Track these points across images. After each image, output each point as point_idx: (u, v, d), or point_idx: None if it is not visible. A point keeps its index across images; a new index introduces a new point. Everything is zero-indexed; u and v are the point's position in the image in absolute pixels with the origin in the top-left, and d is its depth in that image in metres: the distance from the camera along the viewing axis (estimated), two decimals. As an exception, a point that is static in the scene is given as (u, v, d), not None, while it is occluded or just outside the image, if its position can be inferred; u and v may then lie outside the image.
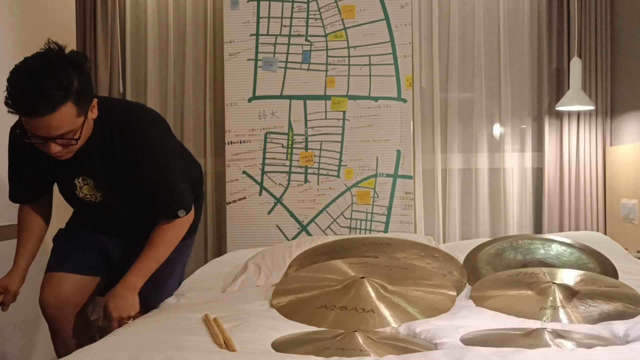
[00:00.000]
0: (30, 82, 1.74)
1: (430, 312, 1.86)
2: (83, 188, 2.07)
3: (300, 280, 2.10)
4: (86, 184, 2.06)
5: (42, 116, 1.74)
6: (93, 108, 1.91)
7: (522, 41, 3.43)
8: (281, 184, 3.27)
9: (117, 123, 1.98)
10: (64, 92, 1.75)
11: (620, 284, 2.07)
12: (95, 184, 2.05)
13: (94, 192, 2.07)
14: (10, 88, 1.75)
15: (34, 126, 1.79)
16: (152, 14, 3.45)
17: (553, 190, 3.34)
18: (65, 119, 1.79)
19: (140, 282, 2.06)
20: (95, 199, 2.10)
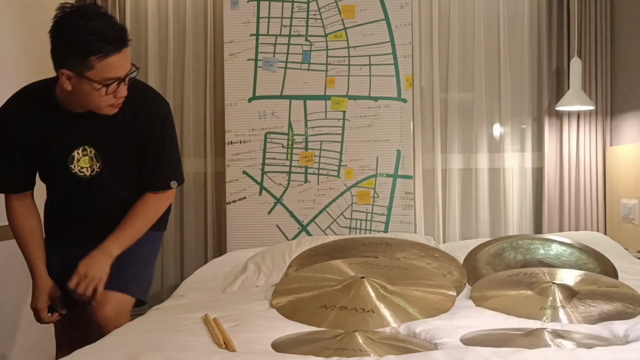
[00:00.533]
0: (108, 19, 1.84)
1: (430, 312, 1.87)
2: (81, 160, 2.02)
3: (300, 280, 2.10)
4: (85, 155, 2.01)
5: (127, 46, 1.84)
6: None
7: (522, 41, 3.43)
8: (281, 184, 3.27)
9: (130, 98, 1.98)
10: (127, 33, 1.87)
11: (620, 284, 2.07)
12: (97, 153, 2.02)
13: (92, 163, 2.02)
14: (96, 29, 1.79)
15: (115, 65, 1.82)
16: (152, 14, 3.45)
17: (553, 190, 3.34)
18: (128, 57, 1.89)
19: (115, 249, 2.01)
20: (91, 172, 2.03)
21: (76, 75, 1.84)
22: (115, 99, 1.90)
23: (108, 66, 1.82)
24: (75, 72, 1.84)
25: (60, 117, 1.98)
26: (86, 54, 1.80)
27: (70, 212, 2.14)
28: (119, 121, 2.00)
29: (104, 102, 1.89)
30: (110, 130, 2.01)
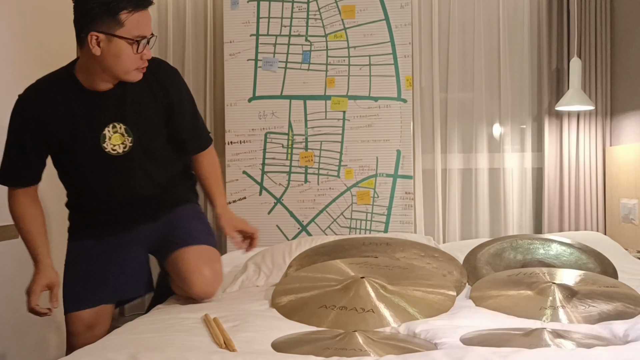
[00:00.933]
0: None
1: (430, 312, 1.87)
2: (112, 137, 2.01)
3: (300, 280, 2.10)
4: (116, 132, 2.01)
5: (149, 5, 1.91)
6: None
7: (522, 41, 3.43)
8: (281, 184, 3.27)
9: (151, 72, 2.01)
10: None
11: (620, 284, 2.07)
12: (127, 128, 2.02)
13: (124, 138, 2.02)
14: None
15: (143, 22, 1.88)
16: (152, 14, 3.41)
17: (553, 190, 3.34)
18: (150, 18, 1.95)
19: (225, 202, 2.27)
20: (125, 148, 2.02)
21: (106, 37, 1.87)
22: (141, 61, 1.93)
23: (137, 22, 1.87)
24: (105, 32, 1.86)
25: (84, 98, 1.98)
26: (116, 10, 1.84)
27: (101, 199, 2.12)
28: (145, 93, 2.03)
29: (132, 63, 1.91)
30: (138, 103, 2.03)
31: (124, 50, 1.89)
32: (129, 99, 2.01)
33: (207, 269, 2.09)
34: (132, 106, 2.02)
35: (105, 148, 2.01)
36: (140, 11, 1.88)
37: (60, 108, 1.99)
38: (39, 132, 2.00)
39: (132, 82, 1.97)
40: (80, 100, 1.99)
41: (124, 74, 1.94)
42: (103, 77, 1.96)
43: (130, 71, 1.94)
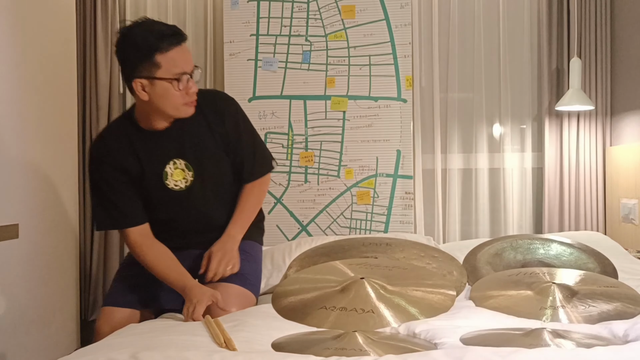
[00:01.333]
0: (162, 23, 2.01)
1: (430, 312, 1.86)
2: (174, 174, 2.10)
3: (300, 282, 2.10)
4: (176, 168, 2.09)
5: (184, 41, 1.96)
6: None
7: (522, 41, 3.44)
8: (281, 184, 3.27)
9: (206, 103, 2.09)
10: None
11: (619, 283, 2.07)
12: (187, 163, 2.09)
13: (185, 173, 2.10)
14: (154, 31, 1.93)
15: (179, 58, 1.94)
16: (152, 14, 3.45)
17: (553, 190, 3.34)
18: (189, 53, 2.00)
19: (239, 232, 2.14)
20: (185, 183, 2.10)
21: (149, 81, 1.94)
22: (188, 96, 1.99)
23: (173, 60, 1.93)
24: (146, 76, 1.94)
25: (145, 139, 2.07)
26: (150, 53, 1.91)
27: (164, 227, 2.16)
28: (202, 125, 2.09)
29: (178, 99, 1.98)
30: (196, 136, 2.09)
31: (168, 90, 1.95)
32: (187, 134, 2.08)
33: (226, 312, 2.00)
34: (190, 140, 2.09)
35: (167, 185, 2.10)
36: (174, 49, 1.93)
37: (126, 151, 2.07)
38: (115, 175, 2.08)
39: (186, 117, 2.03)
40: (142, 142, 2.07)
41: (174, 111, 2.01)
42: (158, 118, 2.04)
43: (179, 107, 2.00)
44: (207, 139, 2.10)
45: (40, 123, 2.84)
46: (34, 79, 2.81)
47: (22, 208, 2.69)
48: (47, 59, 2.93)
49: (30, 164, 2.77)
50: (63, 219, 3.07)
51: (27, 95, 2.75)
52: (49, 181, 2.93)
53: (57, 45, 3.06)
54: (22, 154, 2.71)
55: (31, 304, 2.78)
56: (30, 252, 2.76)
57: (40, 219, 2.84)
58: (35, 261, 2.80)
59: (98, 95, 3.31)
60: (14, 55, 2.66)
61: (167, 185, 2.09)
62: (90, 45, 3.33)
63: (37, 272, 2.82)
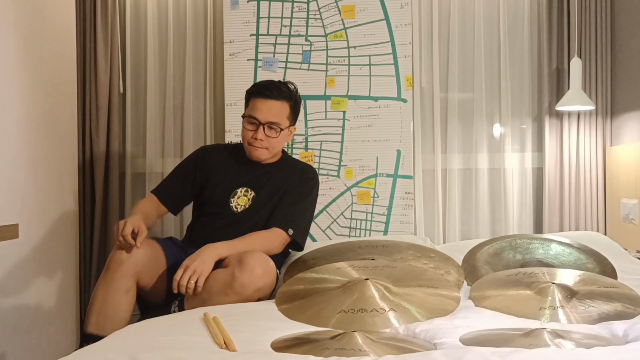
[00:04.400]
0: (279, 82, 2.54)
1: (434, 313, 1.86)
2: (240, 198, 2.47)
3: (304, 282, 2.10)
4: (244, 195, 2.47)
5: (268, 98, 2.43)
6: (291, 135, 2.56)
7: (522, 41, 3.43)
8: (281, 184, 3.27)
9: (298, 167, 2.61)
10: (287, 94, 2.47)
11: (619, 284, 2.07)
12: (255, 196, 2.47)
13: (246, 202, 2.46)
14: (264, 83, 2.53)
15: (258, 108, 2.44)
16: (152, 14, 3.45)
17: (553, 190, 3.34)
18: (280, 110, 2.45)
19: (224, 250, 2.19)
20: (242, 209, 2.45)
21: (243, 117, 2.51)
22: (252, 139, 2.44)
23: (254, 106, 2.45)
24: (244, 114, 2.51)
25: (239, 163, 2.54)
26: (249, 97, 2.51)
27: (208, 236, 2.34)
28: (286, 180, 2.50)
29: (245, 135, 2.47)
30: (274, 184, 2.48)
31: (243, 125, 2.49)
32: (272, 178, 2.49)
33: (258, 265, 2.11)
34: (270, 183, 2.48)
35: (229, 202, 2.47)
36: (259, 99, 2.45)
37: (222, 166, 2.53)
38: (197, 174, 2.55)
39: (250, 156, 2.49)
40: (236, 163, 2.54)
41: (245, 145, 2.50)
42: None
43: (244, 142, 2.49)
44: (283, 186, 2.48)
45: (40, 123, 2.85)
46: (34, 79, 2.81)
47: (22, 208, 2.69)
48: (47, 59, 2.93)
49: (30, 164, 2.77)
50: (63, 219, 3.07)
51: (27, 95, 2.75)
52: (49, 181, 2.93)
53: (57, 45, 3.06)
54: (22, 154, 2.71)
55: (31, 304, 2.78)
56: (30, 252, 2.76)
57: (40, 219, 2.85)
58: (35, 261, 2.81)
59: (98, 95, 3.31)
60: (14, 55, 2.66)
61: (228, 202, 2.47)
62: (90, 45, 3.33)
63: (37, 272, 2.83)
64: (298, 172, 2.55)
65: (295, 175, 2.52)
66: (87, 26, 3.33)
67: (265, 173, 2.51)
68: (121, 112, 3.42)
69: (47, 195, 2.92)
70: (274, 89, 2.44)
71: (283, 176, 2.51)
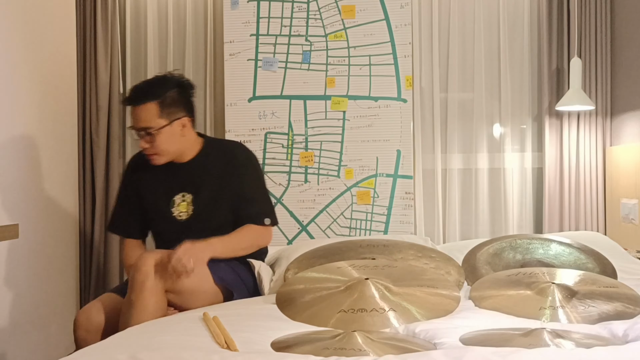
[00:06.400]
0: (135, 85, 2.37)
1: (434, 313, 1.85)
2: (180, 205, 2.34)
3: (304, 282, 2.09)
4: (183, 201, 2.34)
5: (133, 105, 2.27)
6: (185, 128, 2.33)
7: (522, 41, 3.43)
8: (281, 184, 3.27)
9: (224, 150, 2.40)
10: (151, 92, 2.27)
11: (619, 284, 2.06)
12: (193, 199, 2.33)
13: (187, 208, 2.34)
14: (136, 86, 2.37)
15: (131, 116, 2.30)
16: (152, 14, 3.45)
17: (553, 190, 3.34)
18: (147, 114, 2.25)
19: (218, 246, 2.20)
20: (187, 216, 2.33)
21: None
22: (142, 148, 2.30)
23: (130, 115, 2.32)
24: None
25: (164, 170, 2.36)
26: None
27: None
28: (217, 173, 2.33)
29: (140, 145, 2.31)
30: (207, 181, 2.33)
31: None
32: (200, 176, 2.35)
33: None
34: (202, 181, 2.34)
35: (172, 212, 2.35)
36: (129, 107, 2.31)
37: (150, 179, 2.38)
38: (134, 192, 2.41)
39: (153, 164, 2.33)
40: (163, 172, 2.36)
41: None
42: None
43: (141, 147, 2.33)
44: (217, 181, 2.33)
45: (40, 123, 2.85)
46: (34, 79, 2.81)
47: (22, 208, 2.69)
48: (47, 59, 2.93)
49: (30, 164, 2.77)
50: (63, 219, 3.08)
51: (27, 95, 2.75)
52: (49, 181, 2.94)
53: (57, 45, 3.06)
54: (22, 154, 2.71)
55: (31, 304, 2.78)
56: (30, 252, 2.76)
57: (40, 219, 2.85)
58: (35, 261, 2.81)
59: (98, 95, 3.31)
60: (14, 55, 2.66)
61: (171, 213, 2.35)
62: (90, 45, 3.32)
63: (37, 272, 2.83)
64: (231, 158, 2.37)
65: (230, 163, 2.36)
66: (87, 26, 3.33)
67: (194, 170, 2.36)
68: (121, 112, 3.42)
69: (47, 195, 2.92)
70: (136, 93, 2.29)
71: (217, 166, 2.36)
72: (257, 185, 2.40)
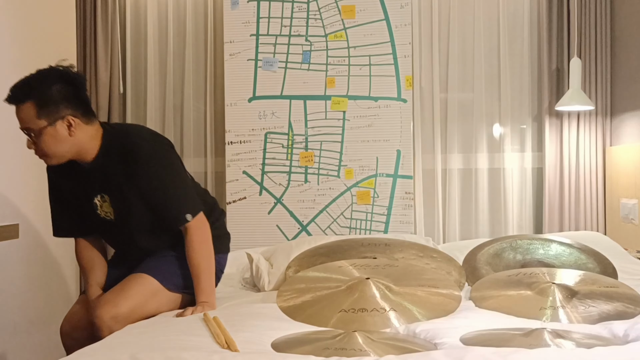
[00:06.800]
0: (14, 84, 2.05)
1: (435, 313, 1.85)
2: (103, 206, 2.17)
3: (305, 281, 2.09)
4: (105, 202, 2.16)
5: (14, 104, 2.02)
6: (73, 127, 2.03)
7: (522, 41, 3.43)
8: (281, 184, 3.27)
9: (122, 150, 2.10)
10: (26, 91, 2.01)
11: (619, 284, 2.06)
12: (110, 200, 2.15)
13: (109, 208, 2.17)
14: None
15: (17, 116, 2.04)
16: (152, 14, 3.45)
17: (553, 190, 3.34)
18: (26, 114, 2.01)
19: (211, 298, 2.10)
20: (112, 214, 2.17)
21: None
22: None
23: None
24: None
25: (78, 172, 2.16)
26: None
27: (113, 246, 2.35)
28: (119, 173, 2.10)
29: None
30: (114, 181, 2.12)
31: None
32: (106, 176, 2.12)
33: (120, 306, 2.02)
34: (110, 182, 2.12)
35: (100, 215, 2.18)
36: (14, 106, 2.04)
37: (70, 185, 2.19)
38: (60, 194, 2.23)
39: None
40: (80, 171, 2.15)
41: None
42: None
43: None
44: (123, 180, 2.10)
45: (40, 123, 2.84)
46: (34, 79, 2.80)
47: (22, 208, 2.69)
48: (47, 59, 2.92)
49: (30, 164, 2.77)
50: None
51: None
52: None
53: (57, 45, 3.06)
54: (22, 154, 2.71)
55: (31, 304, 2.78)
56: (30, 252, 2.76)
57: (40, 219, 2.84)
58: (35, 261, 2.80)
59: (98, 95, 3.31)
60: (15, 56, 2.66)
61: (99, 215, 2.18)
62: (90, 45, 3.33)
63: (37, 272, 2.82)
64: (130, 159, 2.09)
65: (130, 166, 2.09)
66: (87, 26, 3.33)
67: (98, 172, 2.12)
68: (121, 112, 3.42)
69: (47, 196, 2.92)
70: (14, 92, 2.04)
71: (119, 168, 2.11)
72: (165, 184, 2.12)
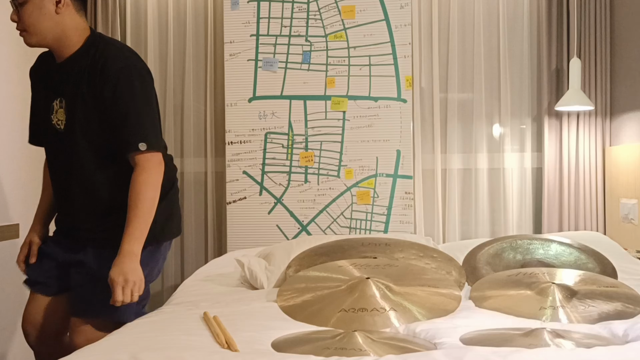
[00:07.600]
0: None
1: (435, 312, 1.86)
2: (58, 112, 2.00)
3: (305, 281, 2.10)
4: (60, 108, 1.99)
5: None
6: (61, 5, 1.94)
7: (521, 41, 3.44)
8: (281, 184, 3.27)
9: (103, 54, 1.97)
10: None
11: (619, 283, 2.07)
12: (67, 105, 1.98)
13: (63, 116, 1.99)
14: None
15: None
16: (152, 14, 3.45)
17: (553, 190, 3.34)
18: None
19: (136, 246, 1.91)
20: (63, 125, 2.00)
21: None
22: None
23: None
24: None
25: (52, 68, 2.04)
26: None
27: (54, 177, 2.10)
28: (91, 78, 1.95)
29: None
30: (81, 85, 1.96)
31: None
32: (75, 79, 1.97)
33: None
34: (75, 85, 1.97)
35: (52, 120, 2.02)
36: None
37: (41, 79, 2.08)
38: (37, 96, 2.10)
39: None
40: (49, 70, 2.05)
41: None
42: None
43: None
44: (84, 85, 1.96)
45: (40, 123, 2.84)
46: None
47: (22, 208, 2.69)
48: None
49: (31, 164, 2.77)
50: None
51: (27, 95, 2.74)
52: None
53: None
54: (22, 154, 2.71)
55: (31, 303, 2.77)
56: (31, 252, 2.75)
57: (41, 219, 2.84)
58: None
59: (98, 95, 3.31)
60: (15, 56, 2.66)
61: (51, 120, 2.02)
62: (91, 45, 3.32)
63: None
64: (102, 67, 1.95)
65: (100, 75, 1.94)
66: (87, 26, 3.33)
67: (69, 70, 1.99)
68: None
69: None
70: None
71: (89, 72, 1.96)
72: (127, 104, 1.95)
